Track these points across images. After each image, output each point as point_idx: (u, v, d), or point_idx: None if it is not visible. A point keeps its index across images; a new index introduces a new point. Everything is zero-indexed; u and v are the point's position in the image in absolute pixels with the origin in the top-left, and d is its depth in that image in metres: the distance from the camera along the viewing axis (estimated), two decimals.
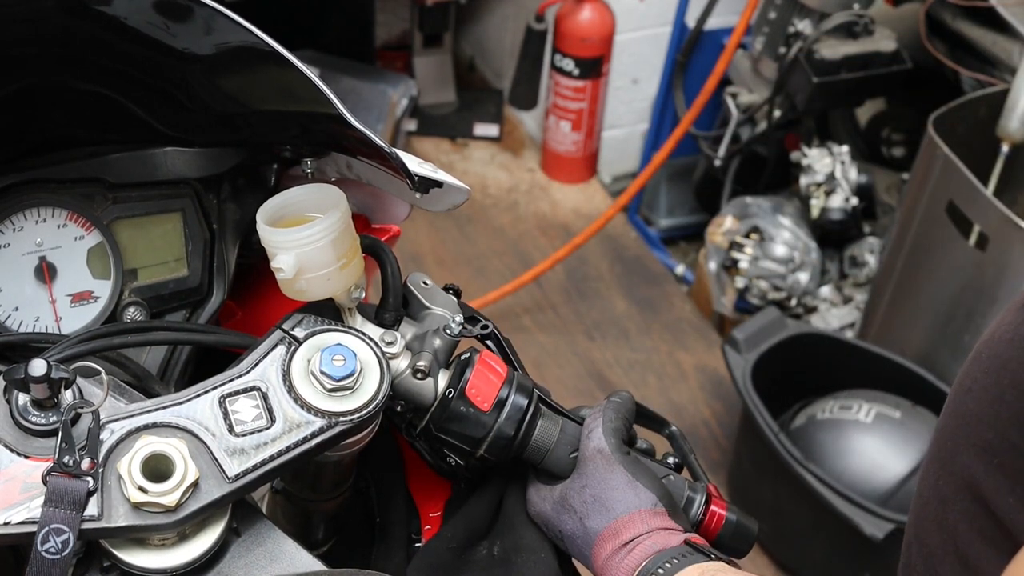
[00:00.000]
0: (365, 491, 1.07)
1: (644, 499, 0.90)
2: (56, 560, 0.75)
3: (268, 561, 0.84)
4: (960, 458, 0.78)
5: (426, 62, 3.67)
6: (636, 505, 0.90)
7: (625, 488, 0.91)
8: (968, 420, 0.78)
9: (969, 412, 0.78)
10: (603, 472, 0.92)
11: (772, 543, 2.51)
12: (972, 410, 0.78)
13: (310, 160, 1.03)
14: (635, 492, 0.90)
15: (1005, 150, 2.38)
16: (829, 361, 2.57)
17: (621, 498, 0.90)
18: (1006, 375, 0.74)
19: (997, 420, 0.74)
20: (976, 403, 0.77)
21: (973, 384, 0.79)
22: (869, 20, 2.78)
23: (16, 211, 0.97)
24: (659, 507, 0.90)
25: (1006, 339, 0.76)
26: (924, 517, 0.84)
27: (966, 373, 0.81)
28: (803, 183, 2.92)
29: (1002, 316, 0.80)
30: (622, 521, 0.90)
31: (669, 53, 3.29)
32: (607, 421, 0.95)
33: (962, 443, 0.78)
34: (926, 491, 0.85)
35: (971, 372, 0.80)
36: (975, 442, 0.77)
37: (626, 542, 0.89)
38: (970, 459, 0.77)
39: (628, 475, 0.91)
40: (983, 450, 0.76)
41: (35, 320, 0.99)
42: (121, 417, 0.81)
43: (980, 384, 0.77)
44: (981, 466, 0.76)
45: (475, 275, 3.19)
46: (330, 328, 0.89)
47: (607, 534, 0.90)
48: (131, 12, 0.84)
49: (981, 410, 0.76)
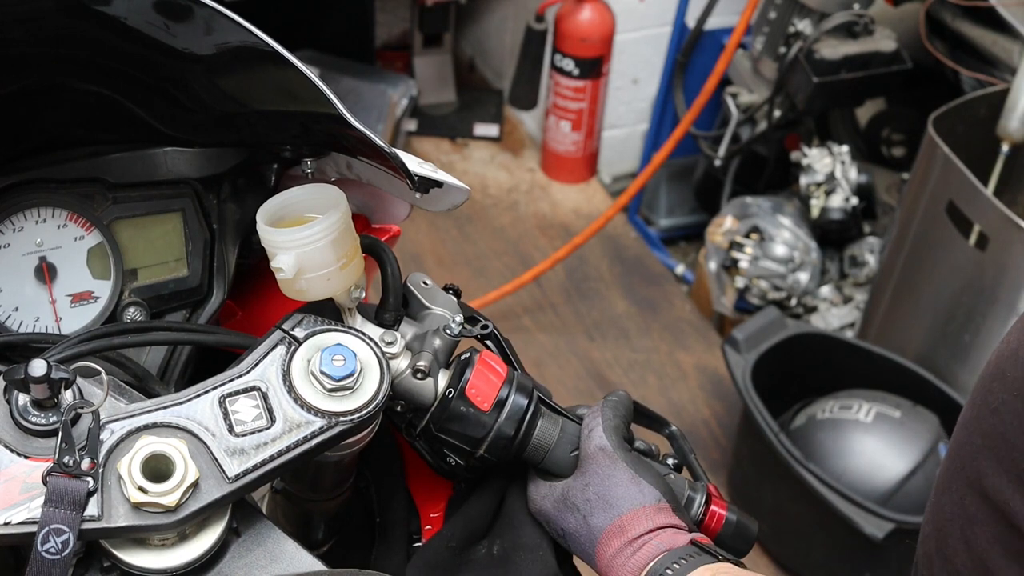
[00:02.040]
0: (365, 491, 1.07)
1: (648, 495, 0.90)
2: (56, 560, 0.75)
3: (268, 561, 0.83)
4: (990, 480, 0.76)
5: (426, 62, 3.67)
6: (640, 501, 0.90)
7: (629, 484, 0.91)
8: (997, 442, 0.76)
9: (998, 435, 0.75)
10: (607, 469, 0.92)
11: (772, 543, 2.51)
12: (1002, 433, 0.75)
13: (310, 160, 1.03)
14: (639, 488, 0.90)
15: (1005, 150, 2.38)
16: (829, 361, 2.57)
17: (625, 494, 0.90)
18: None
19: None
20: (1006, 427, 0.75)
21: (1000, 406, 0.76)
22: (869, 20, 2.78)
23: (16, 211, 0.97)
24: (663, 503, 0.90)
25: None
26: (948, 533, 0.82)
27: (989, 390, 0.78)
28: (803, 183, 2.92)
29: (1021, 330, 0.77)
30: (627, 518, 0.89)
31: (669, 53, 3.29)
32: (607, 419, 0.95)
33: (992, 465, 0.76)
34: (949, 507, 0.82)
35: (995, 391, 0.77)
36: (1007, 467, 0.74)
37: (632, 539, 0.89)
38: (1002, 484, 0.75)
39: (631, 472, 0.91)
40: (1017, 477, 0.73)
41: (35, 320, 0.99)
42: (121, 417, 0.81)
43: (1009, 407, 0.74)
44: (1016, 493, 0.74)
45: (475, 275, 3.19)
46: (330, 328, 0.89)
47: (612, 531, 0.90)
48: (131, 12, 0.84)
49: (1013, 436, 0.74)
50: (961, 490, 0.80)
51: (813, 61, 2.76)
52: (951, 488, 0.83)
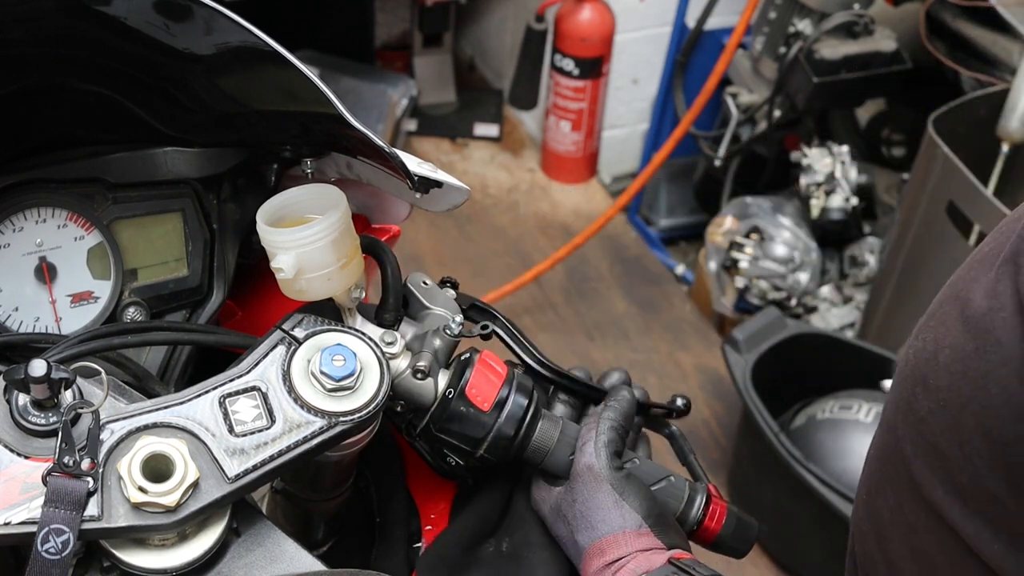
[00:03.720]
0: (365, 491, 1.07)
1: (629, 520, 0.90)
2: (56, 560, 0.75)
3: (268, 561, 0.83)
4: (927, 491, 0.71)
5: (426, 62, 3.67)
6: (620, 526, 0.90)
7: (611, 508, 0.91)
8: (928, 452, 0.70)
9: (929, 445, 0.70)
10: (591, 490, 0.92)
11: (772, 543, 2.51)
12: (933, 444, 0.70)
13: (310, 160, 1.03)
14: (620, 512, 0.91)
15: (1005, 150, 2.38)
16: (829, 361, 2.56)
17: (605, 518, 0.91)
18: (968, 418, 0.66)
19: (969, 465, 0.67)
20: (938, 439, 0.69)
21: (928, 415, 0.70)
22: (869, 20, 2.78)
23: (16, 211, 0.97)
24: (644, 528, 0.90)
25: (957, 371, 0.67)
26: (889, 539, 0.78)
27: (913, 396, 0.71)
28: (803, 183, 2.92)
29: (937, 329, 0.70)
30: (606, 541, 0.90)
31: (669, 53, 3.29)
32: (600, 434, 0.94)
33: (926, 475, 0.71)
34: (887, 512, 0.77)
35: (919, 397, 0.71)
36: (942, 479, 0.69)
37: (609, 563, 0.89)
38: (939, 495, 0.70)
39: (615, 495, 0.91)
40: (957, 495, 0.68)
41: (35, 320, 0.99)
42: (121, 417, 0.81)
43: (938, 419, 0.69)
44: (958, 509, 0.69)
45: (475, 275, 3.19)
46: (330, 328, 0.89)
47: (592, 552, 0.91)
48: (131, 12, 0.84)
49: (948, 450, 0.68)
50: (898, 496, 0.76)
51: (813, 61, 2.76)
52: (885, 492, 0.78)
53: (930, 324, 0.71)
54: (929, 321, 0.72)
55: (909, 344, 0.74)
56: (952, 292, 0.70)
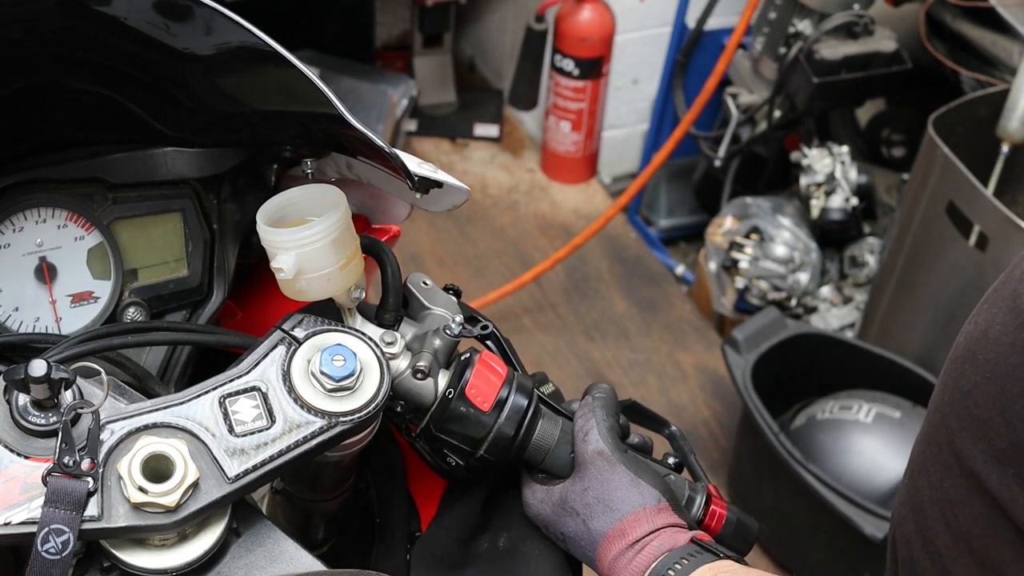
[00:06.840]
0: (365, 491, 1.07)
1: (648, 496, 0.90)
2: (56, 560, 0.75)
3: (268, 561, 0.83)
4: (968, 461, 0.77)
5: (426, 62, 3.67)
6: (640, 503, 0.90)
7: (628, 487, 0.91)
8: (972, 424, 0.77)
9: (974, 417, 0.76)
10: (605, 474, 0.92)
11: (772, 543, 2.51)
12: (978, 416, 0.76)
13: (310, 160, 1.03)
14: (639, 490, 0.91)
15: (1005, 150, 2.38)
16: (829, 361, 2.56)
17: (625, 497, 0.90)
18: (1014, 384, 0.72)
19: (1010, 430, 0.73)
20: (982, 409, 0.76)
21: (973, 388, 0.77)
22: (869, 20, 2.78)
23: (16, 211, 0.97)
24: (663, 502, 0.90)
25: (1005, 343, 0.74)
26: (928, 516, 0.83)
27: (961, 373, 0.79)
28: (803, 183, 2.92)
29: (989, 311, 0.77)
30: (628, 520, 0.90)
31: (669, 53, 3.29)
32: (600, 420, 0.95)
33: (968, 446, 0.77)
34: (927, 490, 0.83)
35: (967, 373, 0.78)
36: (983, 448, 0.75)
37: (633, 542, 0.89)
38: (979, 464, 0.76)
39: (631, 474, 0.91)
40: (996, 460, 0.74)
41: (35, 320, 0.99)
42: (121, 417, 0.81)
43: (983, 390, 0.75)
44: (995, 475, 0.75)
45: (475, 275, 3.19)
46: (330, 328, 0.89)
47: (613, 534, 0.90)
48: (131, 12, 0.84)
49: (989, 418, 0.75)
50: (939, 473, 0.81)
51: (813, 61, 2.76)
52: (928, 471, 0.84)
53: (983, 308, 0.78)
54: (983, 306, 0.79)
55: (962, 331, 0.81)
56: (1005, 279, 0.77)
